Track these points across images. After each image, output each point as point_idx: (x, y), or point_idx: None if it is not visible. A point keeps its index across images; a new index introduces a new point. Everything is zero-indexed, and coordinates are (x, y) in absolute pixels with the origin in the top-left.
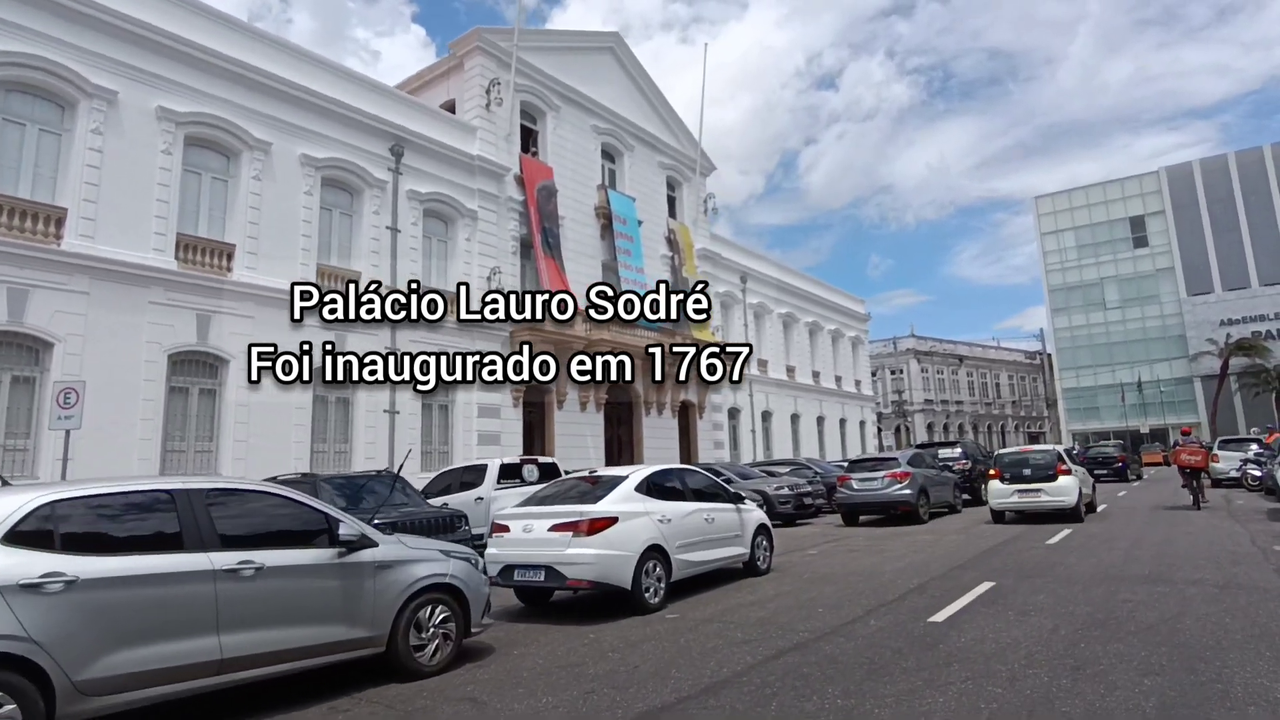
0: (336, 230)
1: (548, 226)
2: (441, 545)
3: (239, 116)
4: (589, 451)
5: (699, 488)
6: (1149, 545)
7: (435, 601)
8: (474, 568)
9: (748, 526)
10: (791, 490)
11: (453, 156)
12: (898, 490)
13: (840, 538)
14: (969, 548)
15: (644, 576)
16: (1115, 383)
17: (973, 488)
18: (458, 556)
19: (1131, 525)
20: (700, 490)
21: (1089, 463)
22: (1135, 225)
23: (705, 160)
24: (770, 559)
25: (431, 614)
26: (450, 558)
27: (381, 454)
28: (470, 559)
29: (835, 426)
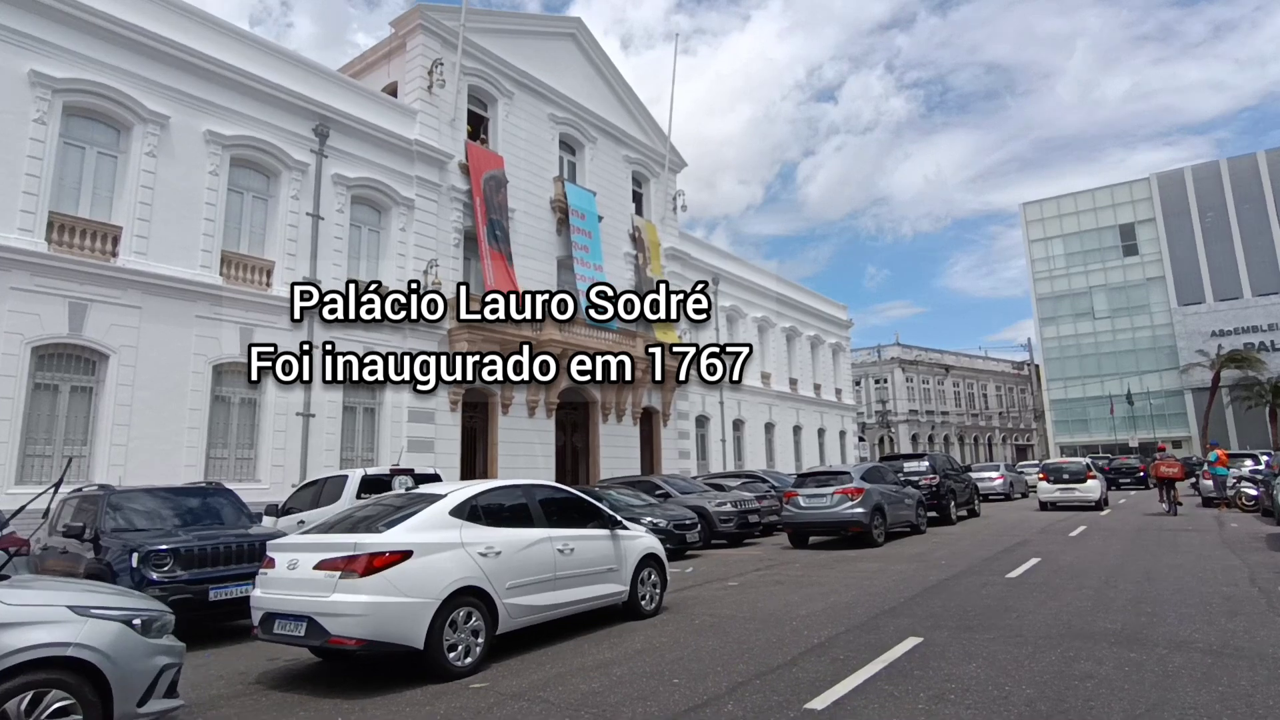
0: (248, 215)
1: (495, 218)
2: (82, 598)
3: (130, 86)
4: (537, 461)
5: (556, 510)
6: (1127, 582)
7: (40, 688)
8: (138, 630)
9: (628, 558)
10: (735, 507)
11: (387, 140)
12: (848, 509)
13: (776, 564)
14: (914, 581)
15: (448, 631)
16: (1104, 394)
17: (941, 505)
18: (104, 614)
19: (1110, 551)
20: (558, 513)
21: (1114, 472)
22: (1125, 233)
23: (675, 156)
24: (660, 597)
25: (33, 708)
26: (88, 616)
27: (293, 461)
28: (135, 617)
29: (813, 436)
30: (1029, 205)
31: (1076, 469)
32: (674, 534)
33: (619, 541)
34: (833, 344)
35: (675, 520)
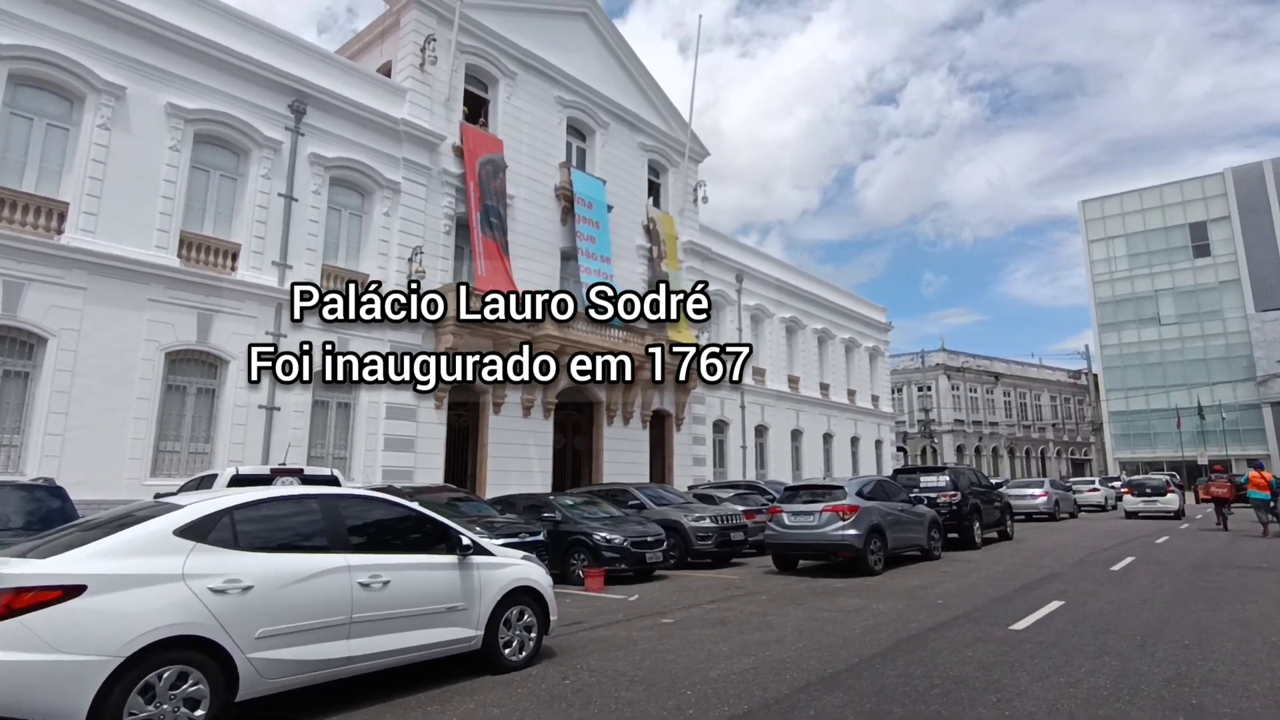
0: (214, 194)
1: (491, 204)
2: None
3: (82, 54)
4: (532, 464)
5: (370, 530)
6: (1169, 646)
7: None
8: None
9: (483, 593)
10: (716, 523)
11: (371, 119)
12: (838, 530)
13: (742, 594)
14: (889, 630)
15: (136, 701)
16: (1170, 407)
17: (962, 526)
18: None
19: (1157, 594)
20: (374, 534)
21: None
22: (1196, 232)
23: (697, 145)
24: (536, 643)
25: None
26: None
27: (253, 457)
28: None
29: (845, 445)
30: (1088, 203)
31: (1158, 483)
32: (631, 553)
33: (471, 572)
34: (870, 348)
35: (634, 537)
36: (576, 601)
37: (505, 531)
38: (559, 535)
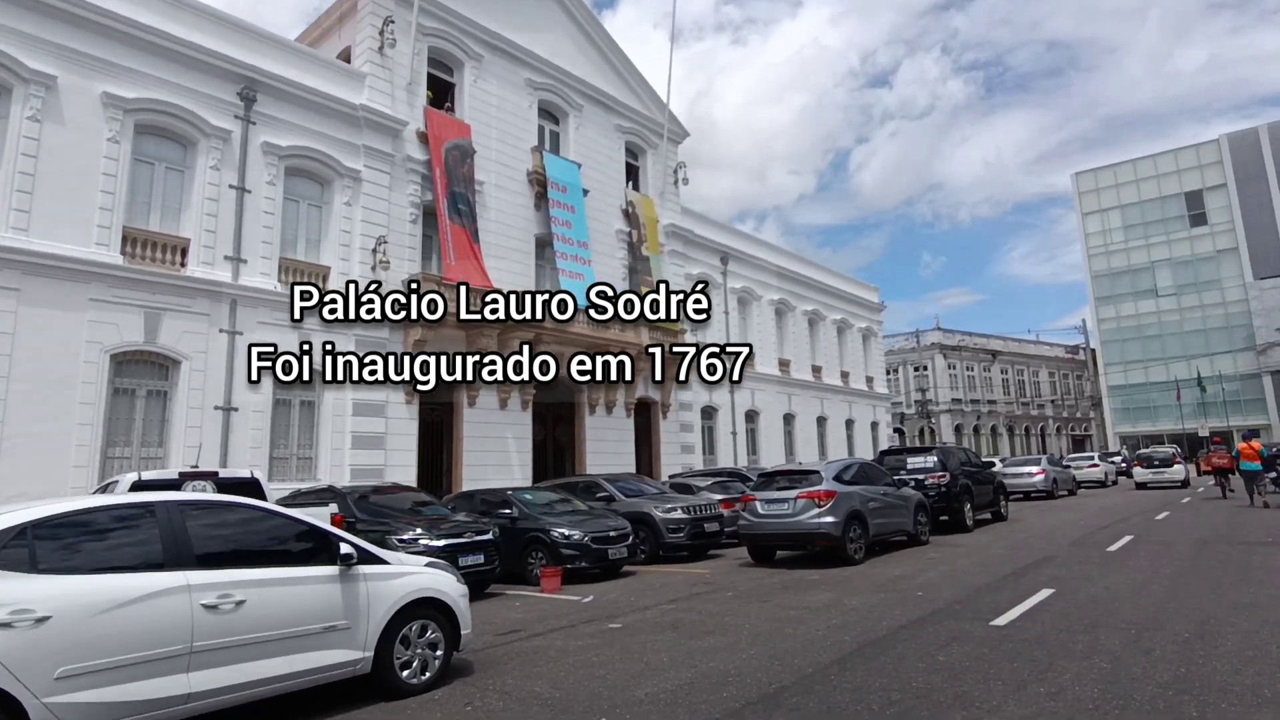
0: (159, 188)
1: (458, 191)
2: None
3: (5, 41)
4: (511, 458)
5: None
6: (1168, 640)
7: None
8: None
9: (373, 607)
10: (689, 514)
11: (328, 106)
12: (813, 517)
13: (707, 591)
14: (857, 629)
15: None
16: (1170, 379)
17: (952, 509)
18: None
19: (1156, 577)
20: (231, 546)
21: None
22: (1192, 201)
23: (676, 125)
24: (442, 662)
25: None
26: None
27: (210, 461)
28: None
29: (840, 428)
30: (1082, 175)
31: (1165, 455)
32: (591, 550)
33: (356, 585)
34: (862, 329)
35: (595, 533)
36: (527, 605)
37: (449, 532)
38: (516, 533)
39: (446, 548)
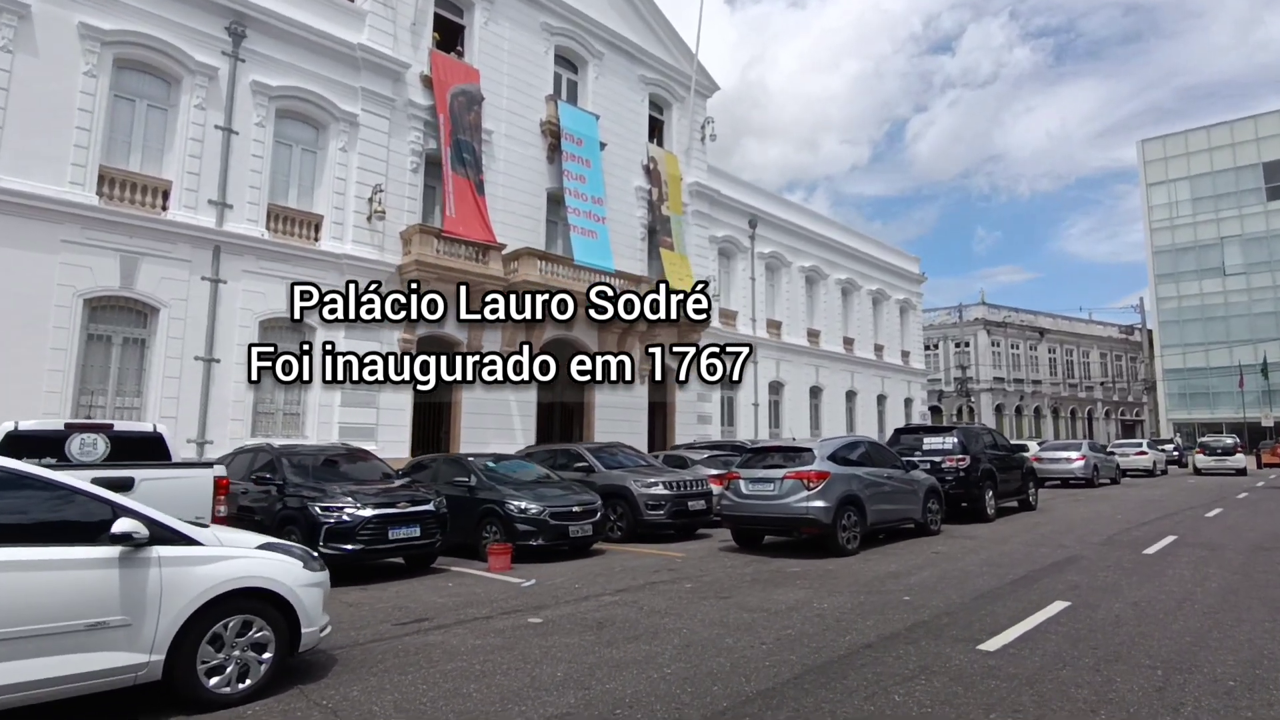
0: (140, 126)
1: (463, 139)
2: None
3: None
4: (514, 422)
5: None
6: (1204, 694)
7: None
8: None
9: (168, 599)
10: (670, 489)
11: (323, 44)
12: (800, 501)
13: (665, 581)
14: (818, 642)
15: None
16: (1233, 364)
17: (972, 495)
18: None
19: (1199, 591)
20: None
21: None
22: (1270, 172)
23: (705, 78)
24: (270, 665)
25: None
26: None
27: (190, 413)
28: None
29: (870, 403)
30: (1149, 142)
31: (1228, 445)
32: (550, 526)
33: (142, 571)
34: (900, 300)
35: (556, 507)
36: (460, 587)
37: (379, 501)
38: (473, 503)
39: (375, 518)
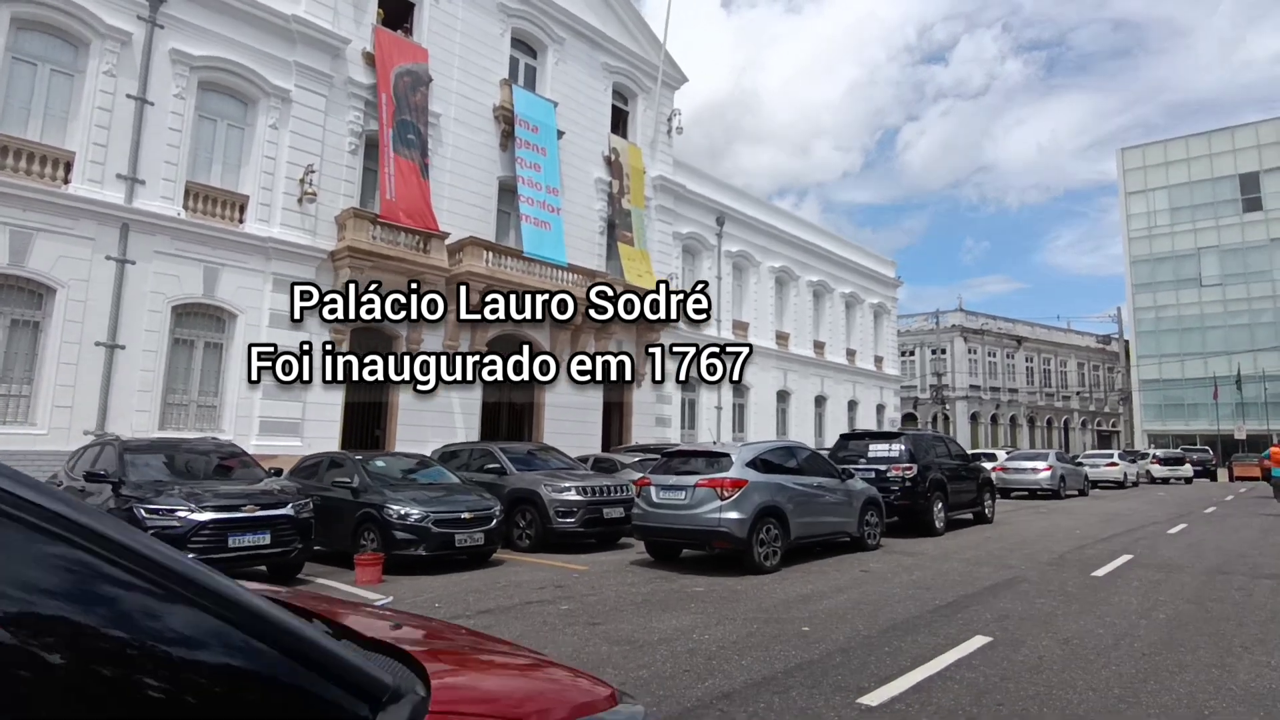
0: (40, 93)
1: (407, 119)
2: None
3: None
4: (455, 420)
5: None
6: None
7: None
8: None
9: None
10: (584, 495)
11: (254, 14)
12: (712, 512)
13: (543, 602)
14: (648, 699)
15: None
16: (1208, 376)
17: (917, 506)
18: None
19: (1140, 631)
20: None
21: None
22: (1247, 184)
23: (672, 68)
24: None
25: None
26: None
27: (88, 402)
28: None
29: (841, 409)
30: (1128, 151)
31: (1178, 455)
32: (433, 534)
33: None
34: (874, 304)
35: (441, 513)
36: None
37: (221, 504)
38: (354, 507)
39: (212, 524)
